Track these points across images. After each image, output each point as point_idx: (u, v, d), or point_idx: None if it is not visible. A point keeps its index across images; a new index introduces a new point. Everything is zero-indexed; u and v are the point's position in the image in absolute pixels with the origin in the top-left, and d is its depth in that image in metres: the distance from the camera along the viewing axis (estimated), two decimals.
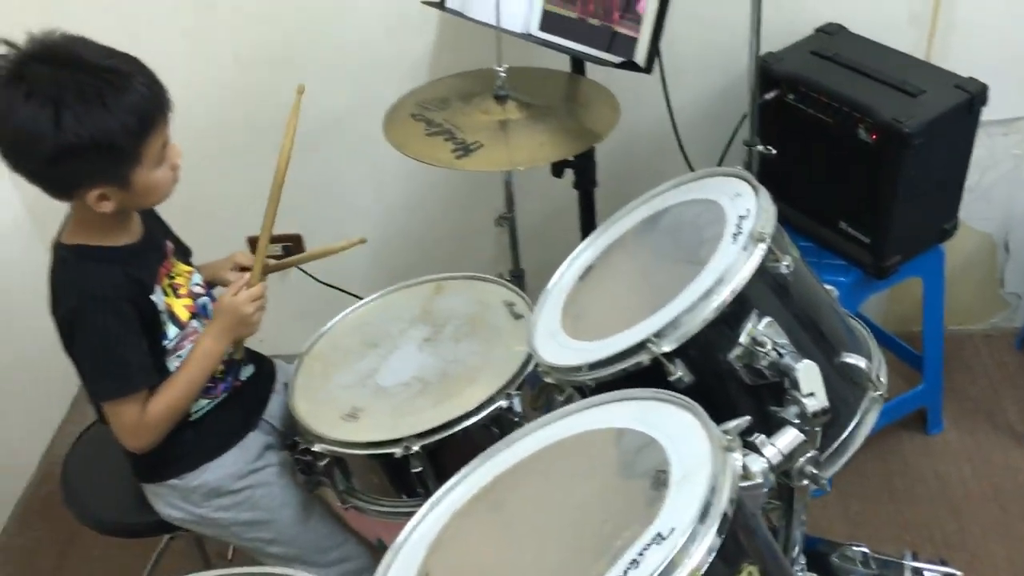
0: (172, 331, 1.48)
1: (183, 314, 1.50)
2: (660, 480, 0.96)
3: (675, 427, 1.03)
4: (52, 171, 1.33)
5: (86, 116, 1.27)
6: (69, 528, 2.27)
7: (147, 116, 1.33)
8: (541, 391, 1.55)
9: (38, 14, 1.36)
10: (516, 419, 1.52)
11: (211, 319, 1.54)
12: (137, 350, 1.43)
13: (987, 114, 1.86)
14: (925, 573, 1.38)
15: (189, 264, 1.58)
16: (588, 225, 2.06)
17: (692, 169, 2.14)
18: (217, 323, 1.52)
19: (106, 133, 1.29)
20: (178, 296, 1.51)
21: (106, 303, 1.40)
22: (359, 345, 1.70)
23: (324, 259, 1.73)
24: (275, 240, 2.51)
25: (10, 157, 1.33)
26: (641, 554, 0.88)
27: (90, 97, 1.28)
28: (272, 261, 1.63)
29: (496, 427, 1.52)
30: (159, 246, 1.53)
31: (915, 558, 1.40)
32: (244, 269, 1.65)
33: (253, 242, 2.51)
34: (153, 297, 1.45)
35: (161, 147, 1.38)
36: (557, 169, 1.93)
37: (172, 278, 1.52)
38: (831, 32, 2.04)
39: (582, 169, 1.96)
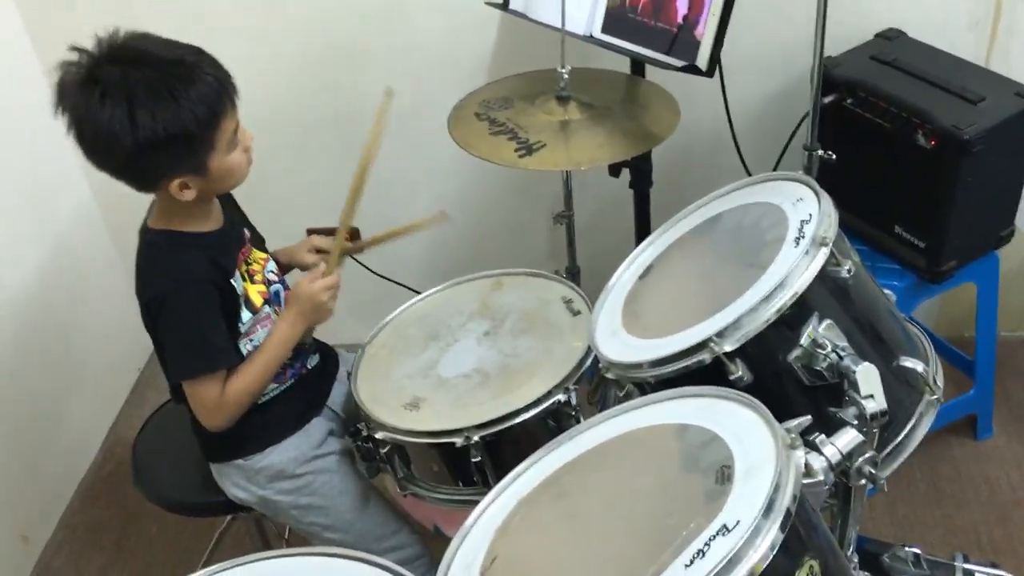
0: (246, 315, 1.54)
1: (257, 300, 1.56)
2: (724, 475, 0.99)
3: (738, 424, 1.06)
4: (134, 166, 1.39)
5: (158, 111, 1.33)
6: (130, 506, 2.37)
7: (216, 104, 1.38)
8: (598, 386, 1.60)
9: (109, 14, 1.42)
10: (573, 413, 1.55)
11: (285, 306, 1.60)
12: (220, 332, 1.49)
13: None
14: (976, 575, 1.40)
15: (264, 251, 1.65)
16: (643, 225, 2.09)
17: (748, 171, 2.16)
18: (293, 309, 1.57)
19: (179, 124, 1.34)
20: (253, 282, 1.57)
21: (195, 286, 1.46)
22: (420, 337, 1.74)
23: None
24: (332, 232, 2.59)
25: (94, 158, 1.39)
26: (707, 545, 0.91)
27: (160, 92, 1.33)
28: (350, 244, 1.69)
29: (553, 420, 1.56)
30: (238, 234, 1.59)
31: (966, 560, 1.42)
32: (321, 251, 1.71)
33: (312, 235, 2.59)
34: (233, 282, 1.52)
35: (232, 132, 1.43)
36: (614, 169, 1.96)
37: (249, 264, 1.58)
38: (891, 37, 2.04)
39: (639, 169, 1.99)
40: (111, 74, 1.33)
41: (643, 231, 2.09)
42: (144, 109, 1.32)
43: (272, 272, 1.63)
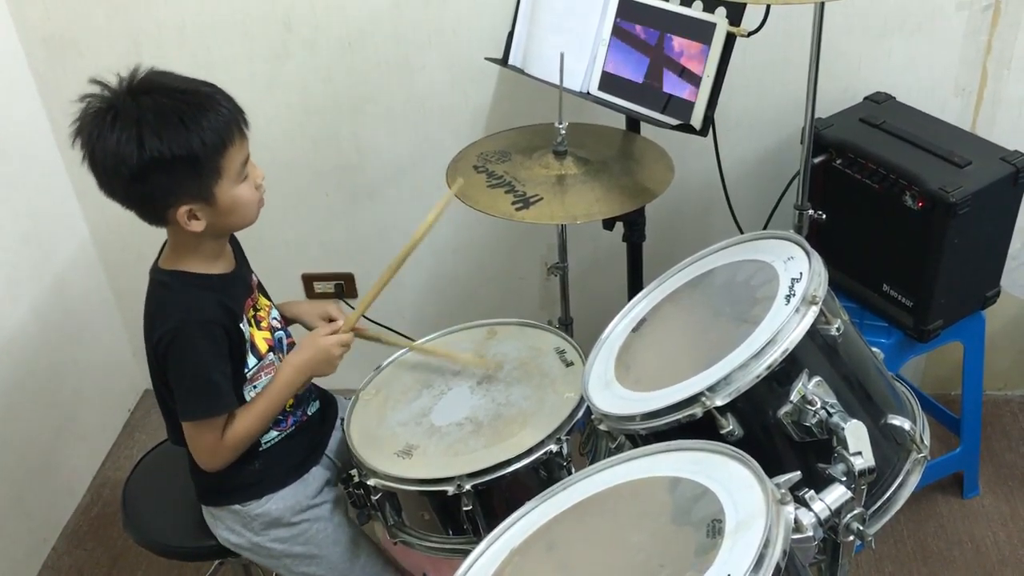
0: (252, 361, 1.55)
1: (262, 346, 1.57)
2: (715, 529, 1.01)
3: (729, 478, 1.08)
4: (140, 188, 1.40)
5: (165, 134, 1.36)
6: (116, 549, 2.35)
7: (225, 132, 1.41)
8: (589, 437, 1.61)
9: (117, 63, 1.46)
10: (564, 463, 1.56)
11: (295, 351, 1.61)
12: (225, 375, 1.50)
13: None
14: None
15: (269, 299, 1.66)
16: (636, 278, 2.11)
17: (740, 228, 2.20)
18: (301, 356, 1.59)
19: (186, 147, 1.37)
20: (259, 328, 1.58)
21: (205, 326, 1.47)
22: (414, 384, 1.76)
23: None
24: (327, 278, 2.62)
25: (104, 182, 1.41)
26: None
27: (169, 117, 1.37)
28: (383, 329, 1.71)
29: (544, 470, 1.56)
30: (247, 279, 1.61)
31: None
32: (331, 320, 1.70)
33: (307, 280, 2.62)
34: (241, 326, 1.53)
35: (242, 164, 1.45)
36: (608, 222, 1.99)
37: (257, 311, 1.59)
38: (879, 101, 2.10)
39: (633, 224, 2.02)
40: (125, 102, 1.37)
41: (636, 284, 2.12)
42: (151, 131, 1.35)
43: (276, 319, 1.64)
